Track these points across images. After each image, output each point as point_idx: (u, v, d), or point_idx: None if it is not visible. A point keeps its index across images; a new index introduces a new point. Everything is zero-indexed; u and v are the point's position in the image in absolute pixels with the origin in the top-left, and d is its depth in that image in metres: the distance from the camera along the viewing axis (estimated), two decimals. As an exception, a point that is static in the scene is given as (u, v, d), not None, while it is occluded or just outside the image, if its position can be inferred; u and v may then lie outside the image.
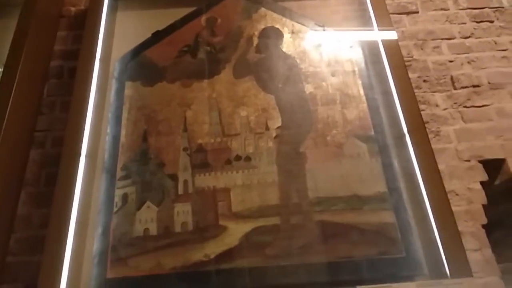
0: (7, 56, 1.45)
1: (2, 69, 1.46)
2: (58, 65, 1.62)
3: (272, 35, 1.63)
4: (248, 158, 1.37)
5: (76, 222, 1.18)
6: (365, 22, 1.68)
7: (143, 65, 1.55)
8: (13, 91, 1.39)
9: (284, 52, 1.59)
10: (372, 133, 1.41)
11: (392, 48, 1.53)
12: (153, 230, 1.25)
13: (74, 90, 1.41)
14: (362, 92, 1.49)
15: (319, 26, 1.65)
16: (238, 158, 1.37)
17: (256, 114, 1.46)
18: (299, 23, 1.66)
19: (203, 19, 1.65)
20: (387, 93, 1.48)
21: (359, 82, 1.51)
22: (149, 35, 1.60)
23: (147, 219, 1.26)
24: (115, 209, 1.28)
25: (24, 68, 1.46)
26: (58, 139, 1.44)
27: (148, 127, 1.43)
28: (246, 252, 1.20)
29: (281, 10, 1.69)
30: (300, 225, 1.24)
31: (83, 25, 1.61)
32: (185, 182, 1.33)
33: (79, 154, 1.30)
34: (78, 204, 1.21)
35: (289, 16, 1.68)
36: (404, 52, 1.60)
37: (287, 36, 1.63)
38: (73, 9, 1.77)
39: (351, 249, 1.20)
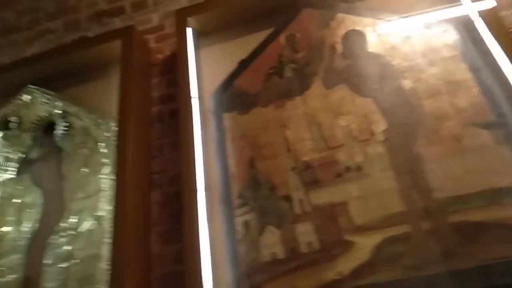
0: (118, 110, 1.61)
1: (114, 123, 1.62)
2: (159, 110, 1.75)
3: (354, 38, 1.58)
4: (358, 168, 1.33)
5: (210, 254, 1.24)
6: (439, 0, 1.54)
7: (235, 95, 1.61)
8: (128, 140, 1.54)
9: (372, 52, 1.53)
10: (493, 117, 1.28)
11: (492, 18, 1.39)
12: (280, 253, 1.26)
13: (180, 130, 1.50)
14: (469, 75, 1.37)
15: (401, 16, 1.56)
16: (348, 169, 1.34)
17: (357, 121, 1.41)
18: (379, 19, 1.59)
19: (282, 38, 1.67)
20: (498, 71, 1.34)
21: (463, 66, 1.39)
22: (234, 64, 1.66)
23: (271, 243, 1.28)
24: (239, 237, 1.32)
25: (133, 117, 1.60)
26: (173, 178, 1.55)
27: (253, 153, 1.46)
28: (381, 265, 1.15)
29: (358, 10, 1.64)
30: (434, 230, 1.15)
31: (173, 69, 1.73)
32: (301, 201, 1.32)
33: (196, 189, 1.37)
34: (208, 236, 1.27)
35: (367, 14, 1.62)
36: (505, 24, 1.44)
37: (371, 36, 1.57)
38: (160, 56, 1.91)
39: (500, 248, 1.08)
